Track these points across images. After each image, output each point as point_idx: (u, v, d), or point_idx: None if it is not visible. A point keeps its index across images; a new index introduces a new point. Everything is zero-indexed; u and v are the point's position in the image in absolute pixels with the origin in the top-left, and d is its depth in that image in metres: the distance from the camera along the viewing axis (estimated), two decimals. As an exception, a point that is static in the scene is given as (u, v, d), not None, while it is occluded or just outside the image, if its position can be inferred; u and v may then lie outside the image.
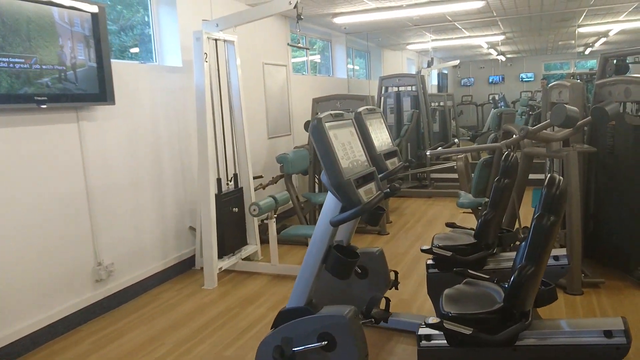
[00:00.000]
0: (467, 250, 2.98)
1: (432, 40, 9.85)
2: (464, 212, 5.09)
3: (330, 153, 2.13)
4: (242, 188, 4.89)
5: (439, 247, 3.01)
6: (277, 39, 6.78)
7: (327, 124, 2.18)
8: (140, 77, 4.33)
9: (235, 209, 4.73)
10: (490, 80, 12.86)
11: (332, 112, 2.29)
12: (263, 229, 5.67)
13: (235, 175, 4.87)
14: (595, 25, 9.32)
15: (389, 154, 3.30)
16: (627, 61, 4.73)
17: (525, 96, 11.92)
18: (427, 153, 4.52)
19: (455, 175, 7.24)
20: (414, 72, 12.35)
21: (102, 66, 3.69)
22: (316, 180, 6.13)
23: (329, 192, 2.30)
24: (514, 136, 4.05)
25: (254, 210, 4.25)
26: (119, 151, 4.10)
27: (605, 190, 4.34)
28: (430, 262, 3.15)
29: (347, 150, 2.30)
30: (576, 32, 9.34)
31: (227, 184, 4.79)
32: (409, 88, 8.55)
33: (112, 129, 4.02)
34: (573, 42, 10.95)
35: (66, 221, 3.64)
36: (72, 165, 3.69)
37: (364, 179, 2.38)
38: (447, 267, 2.97)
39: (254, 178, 5.59)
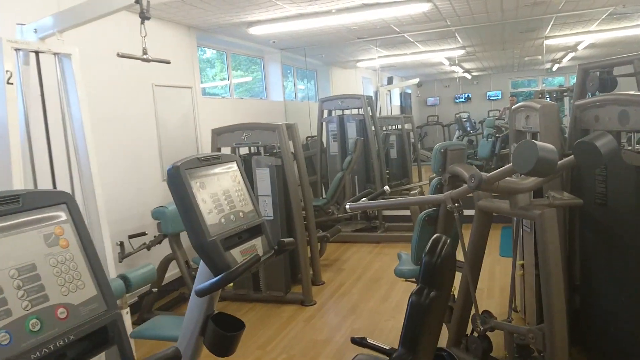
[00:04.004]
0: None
1: (380, 56, 8.65)
2: (406, 281, 3.77)
3: None
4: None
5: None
6: (179, 54, 5.44)
7: None
8: None
9: (78, 293, 3.30)
10: (457, 100, 11.91)
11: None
12: (146, 305, 4.26)
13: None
14: (564, 37, 8.27)
15: (248, 234, 1.98)
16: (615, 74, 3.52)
17: (492, 115, 10.90)
18: (347, 206, 3.20)
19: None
20: (371, 93, 11.21)
21: None
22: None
23: None
24: (464, 185, 2.77)
25: (85, 303, 2.82)
26: None
27: (595, 255, 3.07)
28: None
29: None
30: (543, 44, 8.29)
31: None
32: (355, 111, 7.28)
33: None
34: (540, 57, 10.03)
35: None
36: None
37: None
38: None
39: (133, 237, 4.22)
